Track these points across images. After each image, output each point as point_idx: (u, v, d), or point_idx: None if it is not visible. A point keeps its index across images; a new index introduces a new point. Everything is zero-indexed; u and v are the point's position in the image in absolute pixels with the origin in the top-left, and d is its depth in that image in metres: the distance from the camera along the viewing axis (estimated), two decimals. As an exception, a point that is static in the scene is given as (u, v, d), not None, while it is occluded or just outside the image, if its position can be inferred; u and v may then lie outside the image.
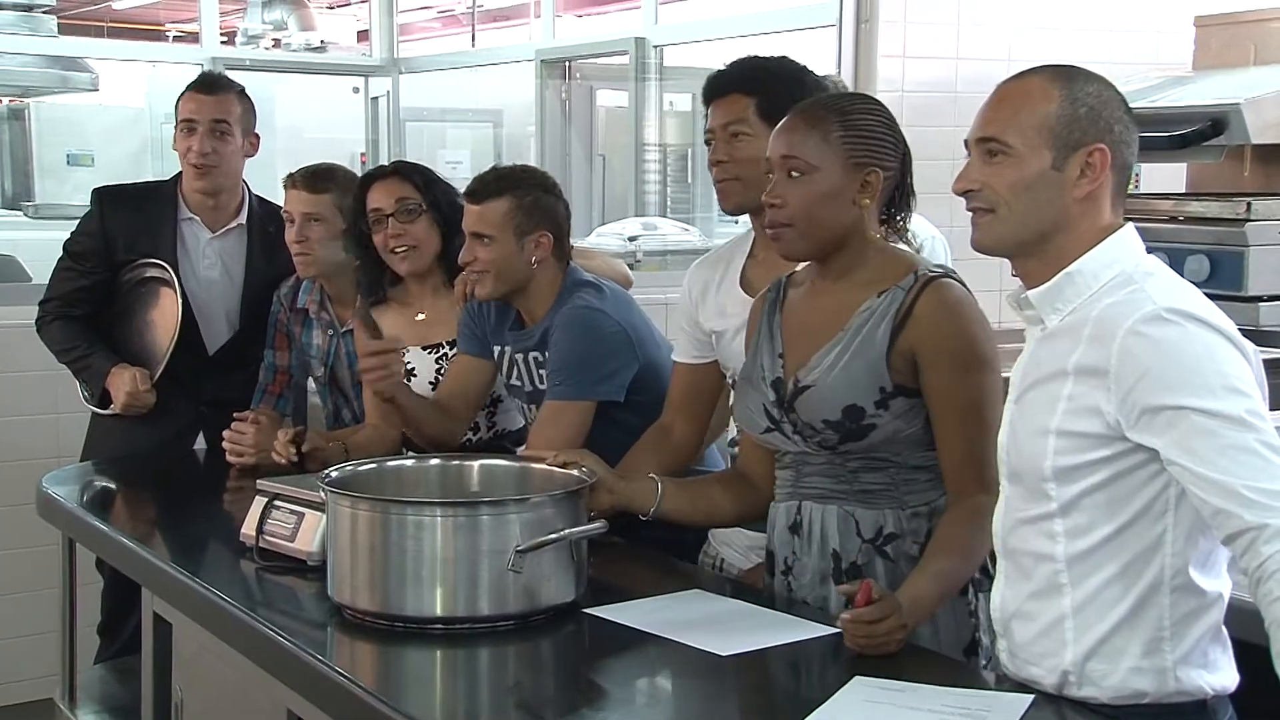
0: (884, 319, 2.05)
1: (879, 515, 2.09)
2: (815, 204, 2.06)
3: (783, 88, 2.32)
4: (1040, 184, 1.74)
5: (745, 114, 2.32)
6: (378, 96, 8.08)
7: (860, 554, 2.09)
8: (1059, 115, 1.74)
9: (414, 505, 2.05)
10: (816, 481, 2.13)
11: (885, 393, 2.04)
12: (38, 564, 3.56)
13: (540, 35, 7.74)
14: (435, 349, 2.98)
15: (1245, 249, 2.93)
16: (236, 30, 9.15)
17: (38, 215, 7.77)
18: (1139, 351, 1.64)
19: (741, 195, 2.34)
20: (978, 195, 1.77)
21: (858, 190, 2.07)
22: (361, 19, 9.28)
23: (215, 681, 2.30)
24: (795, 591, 2.17)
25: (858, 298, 2.08)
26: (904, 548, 2.08)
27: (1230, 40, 3.45)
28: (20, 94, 8.44)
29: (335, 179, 3.13)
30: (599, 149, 7.50)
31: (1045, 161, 1.73)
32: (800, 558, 2.15)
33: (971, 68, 4.51)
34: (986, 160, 1.76)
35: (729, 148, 2.34)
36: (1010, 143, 1.74)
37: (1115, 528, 1.70)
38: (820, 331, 2.10)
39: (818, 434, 2.08)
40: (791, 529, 2.16)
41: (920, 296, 2.04)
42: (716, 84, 2.37)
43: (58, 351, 3.34)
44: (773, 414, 2.13)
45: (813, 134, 2.06)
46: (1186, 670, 1.72)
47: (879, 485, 2.09)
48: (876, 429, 2.05)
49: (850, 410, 2.04)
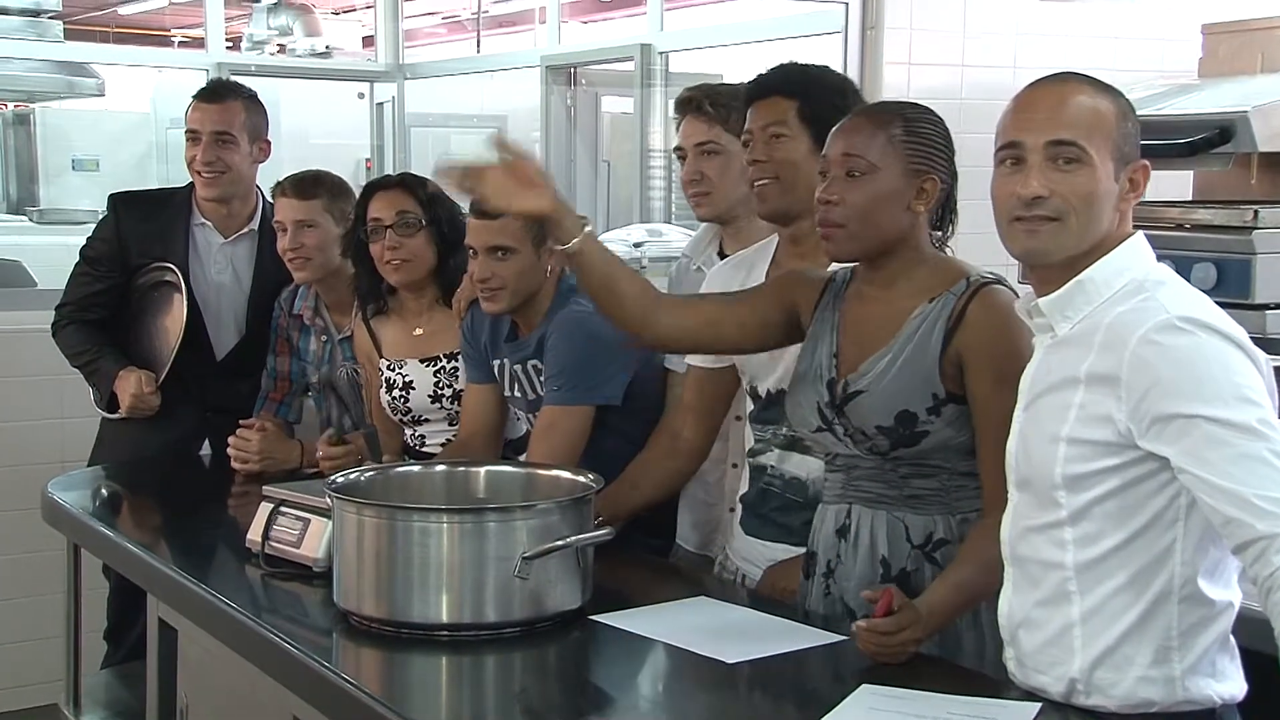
0: (936, 324, 2.03)
1: (929, 521, 2.08)
2: (872, 205, 2.04)
3: (824, 94, 2.32)
4: (1106, 197, 1.72)
5: (786, 115, 2.32)
6: (383, 102, 8.09)
7: (909, 560, 2.08)
8: (1118, 127, 1.72)
9: (420, 511, 2.05)
10: (867, 486, 2.11)
11: (938, 399, 2.03)
12: (43, 569, 3.56)
13: (545, 41, 7.74)
14: (433, 362, 2.99)
15: (1252, 256, 2.92)
16: (242, 36, 9.16)
17: (43, 220, 7.79)
18: (1152, 360, 1.64)
19: (778, 198, 2.33)
20: (1047, 203, 1.71)
21: (914, 196, 2.06)
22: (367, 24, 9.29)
23: (220, 688, 2.30)
24: (832, 594, 2.15)
25: (909, 304, 2.07)
26: (953, 554, 2.05)
27: (1238, 48, 3.44)
28: (26, 99, 8.45)
29: (324, 184, 3.15)
30: (604, 155, 7.50)
31: (1109, 172, 1.72)
32: (845, 562, 2.14)
33: (977, 75, 4.51)
34: (1057, 166, 1.71)
35: (768, 148, 2.33)
36: (1088, 149, 1.70)
37: (1125, 536, 1.70)
38: (872, 338, 2.08)
39: (869, 439, 2.07)
40: (839, 532, 2.15)
41: (972, 301, 2.03)
42: (759, 86, 2.37)
43: (70, 355, 3.35)
44: (825, 415, 2.11)
45: (877, 135, 2.05)
46: (1195, 679, 1.71)
47: (929, 491, 2.08)
48: (929, 435, 2.04)
49: (903, 416, 2.03)
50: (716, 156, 2.60)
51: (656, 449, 2.54)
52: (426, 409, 3.01)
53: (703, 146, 2.62)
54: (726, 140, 2.56)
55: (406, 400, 3.01)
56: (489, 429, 2.85)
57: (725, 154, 2.57)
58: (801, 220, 2.31)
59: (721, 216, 2.67)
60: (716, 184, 2.60)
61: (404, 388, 3.01)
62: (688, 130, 2.66)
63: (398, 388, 3.02)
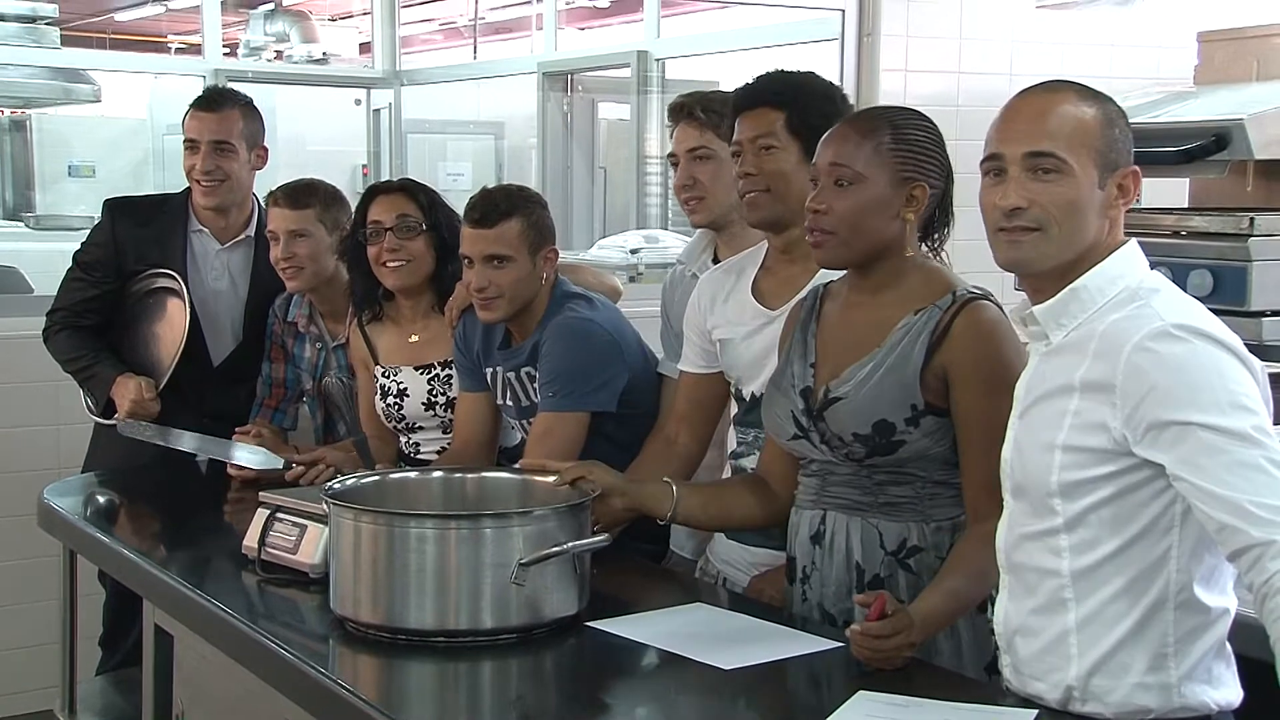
0: (920, 337, 2.04)
1: (903, 528, 2.09)
2: (860, 214, 2.05)
3: (812, 103, 2.33)
4: (1089, 204, 1.72)
5: (774, 127, 2.32)
6: (379, 109, 8.08)
7: (883, 566, 2.09)
8: (1103, 135, 1.73)
9: (417, 518, 2.05)
10: (841, 492, 2.12)
11: (916, 410, 2.04)
12: (38, 575, 3.56)
13: (542, 48, 7.74)
14: (427, 369, 2.99)
15: (1248, 264, 2.92)
16: (239, 42, 9.16)
17: (39, 226, 7.77)
18: (1147, 367, 1.64)
19: (769, 208, 2.34)
20: (1026, 213, 1.72)
21: (903, 204, 2.07)
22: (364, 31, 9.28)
23: (217, 694, 2.30)
24: (809, 599, 2.16)
25: (895, 314, 2.08)
26: (927, 561, 2.07)
27: (1234, 55, 3.45)
28: (22, 105, 8.44)
29: (317, 194, 3.15)
30: (600, 162, 7.50)
31: (1093, 180, 1.72)
32: (820, 568, 2.15)
33: (974, 82, 4.52)
34: (1036, 176, 1.72)
35: (757, 160, 2.33)
36: (1066, 158, 1.71)
37: (1121, 543, 1.70)
38: (856, 345, 2.09)
39: (846, 446, 2.08)
40: (813, 538, 2.15)
41: (957, 317, 2.04)
42: (746, 96, 2.37)
43: (63, 361, 3.34)
44: (801, 422, 2.12)
45: (864, 144, 2.06)
46: (1191, 686, 1.72)
47: (904, 499, 2.09)
48: (905, 445, 2.05)
49: (881, 425, 2.04)
50: (709, 162, 2.61)
51: (650, 455, 2.55)
52: (420, 416, 3.01)
53: (695, 152, 2.63)
54: (719, 146, 2.57)
55: (400, 407, 3.01)
56: (483, 437, 2.85)
57: (718, 160, 2.58)
58: (792, 228, 2.32)
59: (716, 222, 2.67)
60: (710, 190, 2.61)
61: (398, 395, 3.01)
62: (680, 137, 2.67)
63: (392, 395, 3.01)
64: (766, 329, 2.35)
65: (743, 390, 2.43)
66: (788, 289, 2.35)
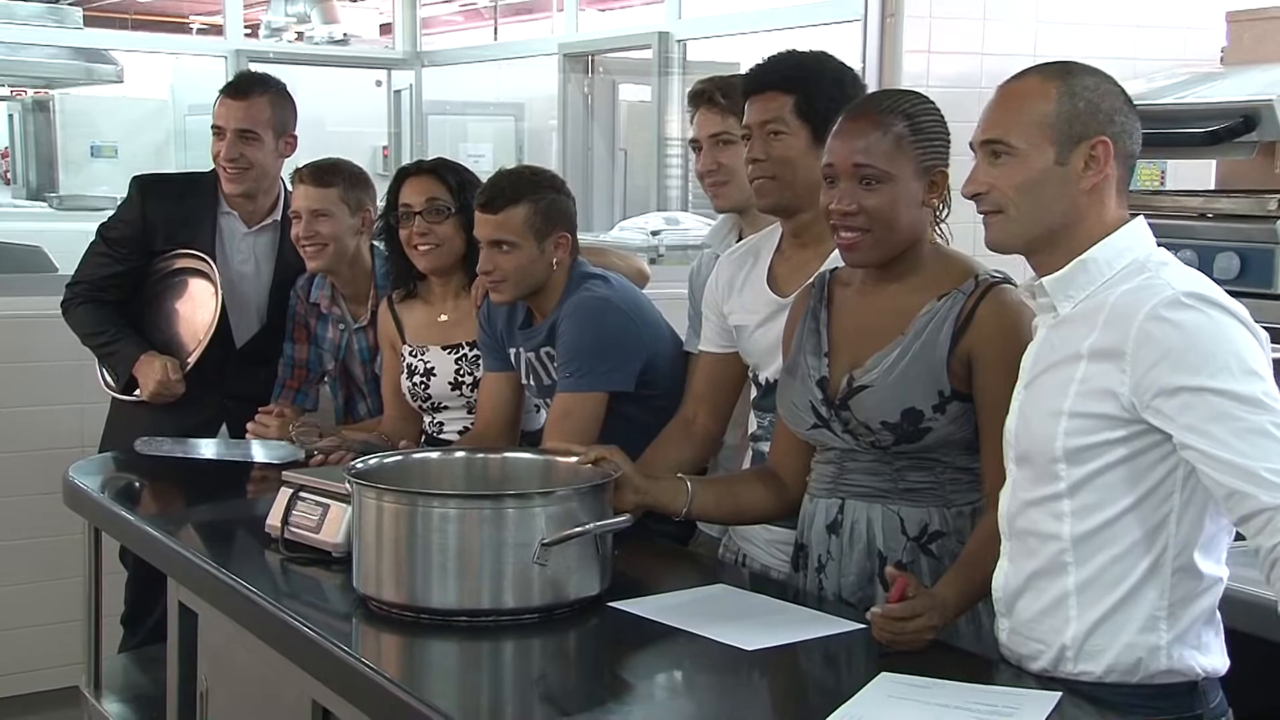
0: (945, 322, 2.04)
1: (924, 513, 2.09)
2: (893, 210, 2.04)
3: (822, 87, 2.30)
4: (1046, 181, 1.77)
5: (782, 112, 2.30)
6: (400, 90, 8.08)
7: (905, 552, 2.08)
8: (1058, 111, 1.77)
9: (440, 498, 2.05)
10: (861, 479, 2.12)
11: (943, 396, 2.03)
12: (63, 552, 3.58)
13: (563, 29, 7.72)
14: (455, 349, 2.99)
15: (1276, 246, 2.91)
16: (260, 23, 9.17)
17: (62, 206, 7.81)
18: (1159, 334, 1.67)
19: (777, 194, 2.33)
20: (986, 198, 1.80)
21: (926, 191, 2.06)
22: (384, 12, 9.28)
23: (241, 671, 2.31)
24: (826, 589, 2.16)
25: (917, 300, 2.07)
26: (949, 546, 2.07)
27: (1262, 36, 3.41)
28: (45, 86, 8.47)
29: (341, 173, 3.14)
30: (621, 143, 7.48)
31: (1049, 158, 1.76)
32: (837, 557, 2.14)
33: (997, 63, 4.47)
34: (992, 162, 1.79)
35: (766, 145, 2.32)
36: (1013, 143, 1.77)
37: (1123, 508, 1.73)
38: (877, 332, 2.08)
39: (873, 434, 2.07)
40: (830, 527, 2.15)
41: (981, 302, 2.03)
42: (755, 80, 2.35)
43: (84, 335, 3.34)
44: (820, 411, 2.11)
45: (885, 140, 2.03)
46: (1180, 649, 1.75)
47: (924, 484, 2.08)
48: (932, 432, 2.04)
49: (909, 413, 2.04)
50: (731, 146, 2.60)
51: (670, 436, 2.54)
52: (446, 396, 3.01)
53: (718, 138, 2.62)
54: (740, 130, 2.56)
55: (427, 386, 3.02)
56: (506, 418, 2.86)
57: (740, 144, 2.57)
58: (802, 213, 2.32)
59: (740, 206, 2.66)
60: (733, 174, 2.60)
61: (425, 374, 3.01)
62: (702, 122, 2.66)
63: (419, 373, 3.02)
64: (780, 315, 2.33)
65: (759, 375, 2.43)
66: (801, 275, 2.33)
